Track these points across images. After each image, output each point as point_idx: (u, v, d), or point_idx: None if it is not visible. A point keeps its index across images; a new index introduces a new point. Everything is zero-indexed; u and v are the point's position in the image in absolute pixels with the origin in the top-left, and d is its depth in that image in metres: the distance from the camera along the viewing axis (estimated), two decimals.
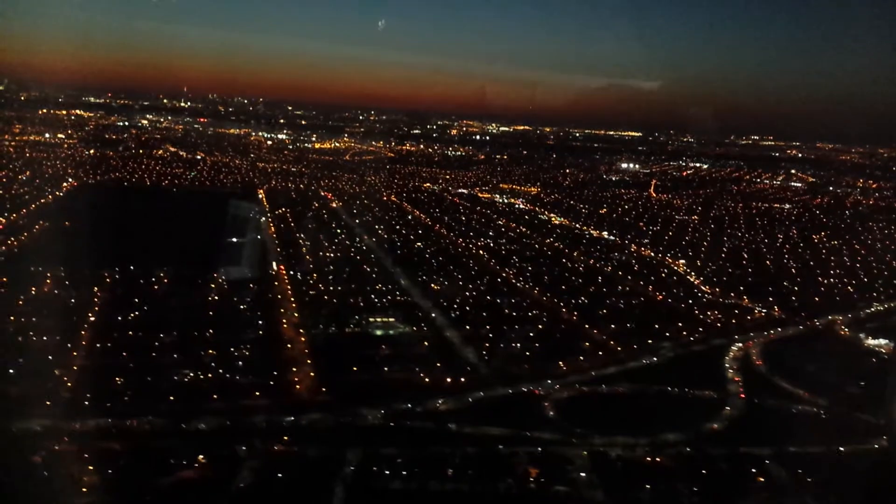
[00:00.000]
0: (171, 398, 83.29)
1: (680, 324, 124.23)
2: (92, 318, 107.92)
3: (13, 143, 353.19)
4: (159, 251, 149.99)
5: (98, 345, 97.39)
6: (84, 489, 64.58)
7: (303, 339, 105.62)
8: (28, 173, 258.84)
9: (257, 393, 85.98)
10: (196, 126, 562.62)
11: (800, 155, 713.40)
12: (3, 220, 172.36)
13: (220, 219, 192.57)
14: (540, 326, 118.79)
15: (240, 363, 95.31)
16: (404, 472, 69.54)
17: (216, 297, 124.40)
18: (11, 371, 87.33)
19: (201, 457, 70.57)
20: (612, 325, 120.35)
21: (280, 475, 68.26)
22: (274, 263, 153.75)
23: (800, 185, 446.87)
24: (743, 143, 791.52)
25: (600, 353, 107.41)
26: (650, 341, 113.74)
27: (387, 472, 69.41)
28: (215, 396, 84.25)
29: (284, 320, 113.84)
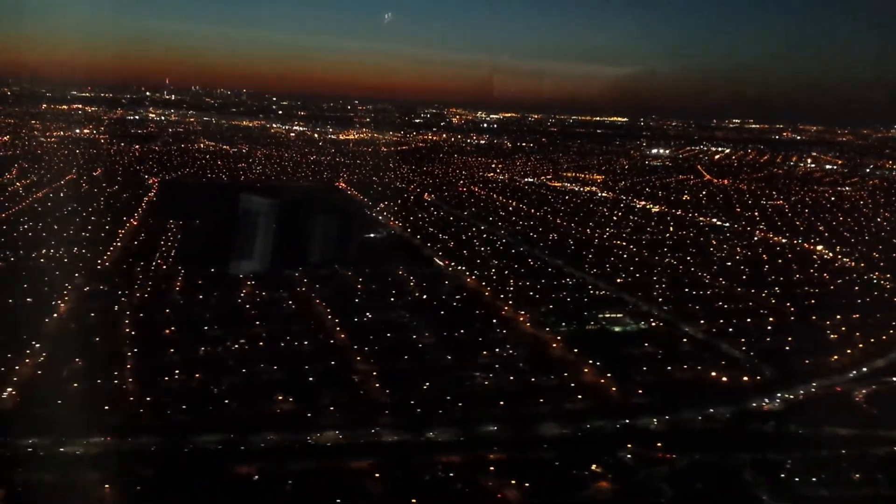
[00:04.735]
0: (498, 402, 78.40)
1: None
2: (332, 320, 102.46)
3: (52, 141, 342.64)
4: (306, 247, 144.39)
5: (366, 348, 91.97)
6: None
7: (556, 337, 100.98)
8: (99, 171, 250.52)
9: (579, 396, 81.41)
10: (207, 119, 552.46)
11: (798, 137, 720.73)
12: (134, 222, 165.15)
13: (333, 213, 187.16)
14: (771, 318, 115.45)
15: (519, 364, 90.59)
16: (814, 479, 65.67)
17: (420, 294, 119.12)
18: (311, 379, 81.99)
19: (594, 466, 66.22)
20: (836, 315, 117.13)
21: (699, 486, 64.02)
22: (434, 258, 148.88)
23: (834, 167, 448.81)
24: (730, 126, 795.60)
25: (859, 344, 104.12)
26: (891, 331, 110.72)
27: (797, 479, 65.43)
28: (541, 400, 79.63)
29: (520, 318, 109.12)
